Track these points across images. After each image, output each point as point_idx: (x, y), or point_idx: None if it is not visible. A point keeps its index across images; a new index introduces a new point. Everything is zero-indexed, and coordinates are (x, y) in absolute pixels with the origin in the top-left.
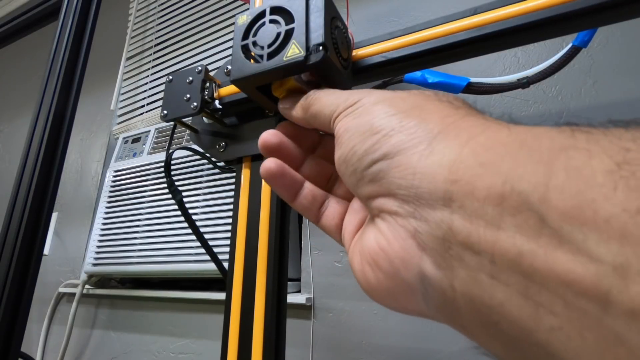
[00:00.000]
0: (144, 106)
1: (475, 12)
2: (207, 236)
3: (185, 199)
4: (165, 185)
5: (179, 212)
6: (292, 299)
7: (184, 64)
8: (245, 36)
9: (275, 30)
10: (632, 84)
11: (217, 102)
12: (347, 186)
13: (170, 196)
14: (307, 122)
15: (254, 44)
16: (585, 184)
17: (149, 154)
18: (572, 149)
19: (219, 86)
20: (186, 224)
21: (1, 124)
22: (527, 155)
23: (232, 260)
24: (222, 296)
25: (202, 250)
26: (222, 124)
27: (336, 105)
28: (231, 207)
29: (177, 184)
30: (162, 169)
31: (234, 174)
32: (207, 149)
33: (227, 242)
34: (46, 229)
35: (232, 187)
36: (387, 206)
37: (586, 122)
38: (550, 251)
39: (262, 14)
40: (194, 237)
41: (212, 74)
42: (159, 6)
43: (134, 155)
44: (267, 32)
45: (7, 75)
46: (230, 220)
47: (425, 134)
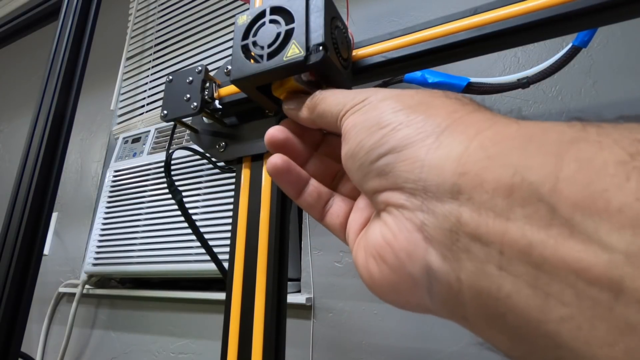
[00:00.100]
0: (144, 106)
1: (475, 12)
2: (207, 236)
3: (185, 199)
4: (165, 185)
5: (179, 212)
6: (292, 299)
7: (184, 64)
8: (245, 36)
9: (275, 30)
10: (632, 84)
11: (217, 102)
12: (353, 181)
13: (170, 196)
14: (313, 122)
15: (254, 44)
16: (597, 174)
17: (149, 154)
18: (583, 141)
19: (219, 86)
20: (186, 224)
21: (1, 124)
22: (537, 147)
23: (232, 260)
24: (222, 296)
25: (202, 250)
26: (222, 124)
27: (343, 103)
28: (231, 207)
29: (177, 184)
30: (162, 169)
31: (234, 174)
32: (207, 149)
33: (227, 242)
34: (46, 229)
35: (232, 187)
36: (393, 199)
37: (596, 118)
38: (561, 241)
39: (262, 14)
40: (194, 237)
41: (212, 74)
42: (159, 6)
43: (134, 155)
44: (267, 32)
45: (7, 75)
46: (230, 220)
47: (432, 128)
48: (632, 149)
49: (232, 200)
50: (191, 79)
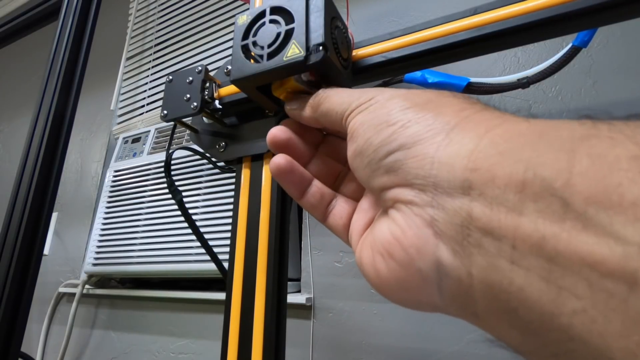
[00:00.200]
0: (144, 106)
1: (475, 12)
2: (207, 236)
3: (185, 199)
4: (165, 185)
5: (179, 212)
6: (292, 299)
7: (184, 64)
8: (245, 36)
9: (275, 30)
10: (632, 84)
11: (217, 102)
12: (360, 179)
13: (170, 196)
14: (316, 121)
15: (254, 44)
16: (610, 169)
17: (149, 154)
18: (595, 137)
19: (219, 86)
20: (186, 224)
21: (1, 124)
22: (548, 144)
23: (232, 260)
24: (222, 296)
25: (202, 250)
26: (222, 124)
27: (348, 103)
28: (231, 207)
29: (177, 184)
30: (162, 169)
31: (234, 174)
32: (207, 149)
33: (227, 242)
34: (46, 229)
35: (232, 187)
36: (402, 196)
37: (605, 116)
38: (574, 234)
39: (262, 14)
40: (194, 237)
41: (212, 74)
42: (159, 6)
43: (134, 155)
44: (267, 32)
45: (7, 75)
46: (230, 220)
47: (442, 125)
48: None
49: (232, 200)
50: (191, 79)
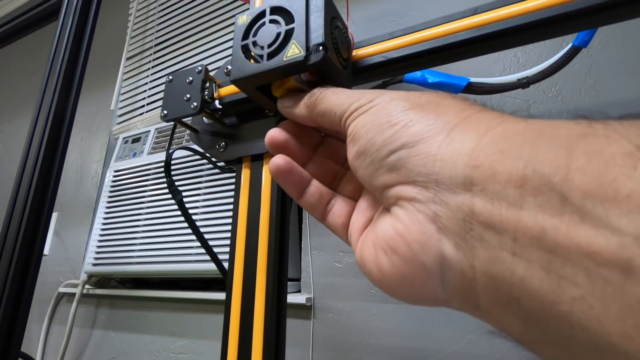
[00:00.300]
0: (144, 106)
1: (475, 12)
2: (207, 236)
3: (185, 199)
4: (165, 185)
5: (179, 212)
6: (292, 299)
7: (184, 64)
8: (245, 36)
9: (275, 30)
10: (632, 84)
11: (217, 102)
12: (362, 179)
13: (170, 196)
14: (312, 121)
15: (254, 44)
16: (605, 165)
17: (149, 154)
18: (591, 136)
19: (219, 86)
20: (186, 224)
21: (1, 124)
22: (547, 142)
23: (232, 260)
24: (222, 296)
25: (202, 250)
26: (222, 124)
27: (348, 104)
28: (231, 207)
29: (177, 184)
30: (162, 169)
31: (234, 174)
32: (207, 149)
33: (227, 242)
34: (46, 229)
35: (232, 187)
36: (405, 193)
37: (601, 116)
38: (573, 227)
39: (262, 14)
40: (194, 237)
41: (212, 74)
42: (159, 6)
43: (134, 155)
44: (267, 32)
45: (7, 75)
46: (230, 220)
47: (443, 125)
48: (638, 141)
49: (232, 200)
50: (191, 79)
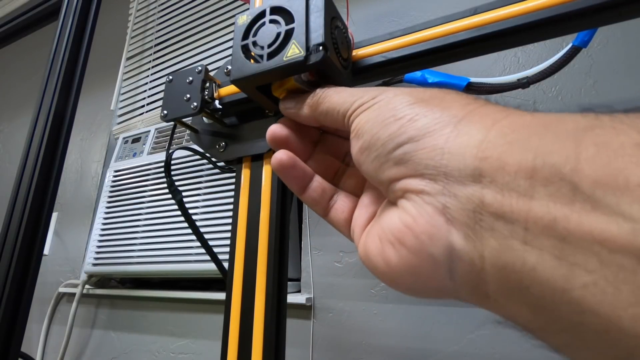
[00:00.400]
0: (144, 106)
1: (475, 12)
2: (207, 236)
3: (185, 199)
4: (165, 185)
5: (179, 212)
6: (292, 299)
7: (184, 64)
8: (245, 36)
9: (275, 30)
10: (632, 84)
11: (217, 102)
12: (367, 173)
13: (170, 196)
14: (315, 120)
15: (254, 44)
16: (615, 155)
17: (149, 154)
18: (598, 127)
19: (219, 86)
20: (186, 224)
21: (1, 124)
22: (554, 134)
23: (232, 260)
24: (222, 296)
25: (202, 250)
26: (222, 124)
27: (351, 102)
28: (231, 207)
29: (177, 184)
30: (162, 169)
31: (234, 174)
32: (207, 149)
33: (227, 242)
34: (46, 229)
35: (232, 187)
36: (412, 186)
37: (606, 110)
38: (584, 215)
39: (262, 14)
40: (194, 237)
41: (212, 74)
42: (159, 6)
43: (134, 155)
44: (267, 32)
45: (7, 75)
46: (230, 220)
47: (449, 119)
48: None
49: (232, 200)
50: (191, 79)
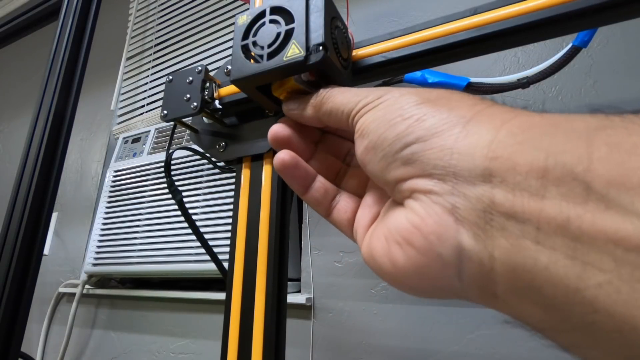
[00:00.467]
0: (144, 106)
1: (475, 12)
2: (207, 236)
3: (185, 199)
4: (165, 185)
5: (179, 212)
6: (292, 299)
7: (184, 64)
8: (245, 36)
9: (275, 30)
10: (632, 84)
11: (217, 102)
12: (372, 173)
13: (170, 196)
14: (319, 121)
15: (254, 44)
16: (628, 155)
17: (149, 154)
18: (609, 128)
19: (219, 86)
20: (186, 224)
21: (1, 124)
22: (565, 134)
23: (232, 260)
24: (222, 296)
25: (202, 250)
26: (222, 124)
27: (355, 102)
28: (231, 207)
29: (177, 184)
30: (162, 169)
31: (234, 174)
32: (207, 149)
33: (227, 242)
34: (46, 229)
35: (232, 187)
36: (420, 186)
37: (616, 111)
38: (598, 214)
39: (262, 14)
40: (194, 237)
41: (212, 74)
42: (159, 6)
43: (134, 155)
44: (267, 32)
45: (7, 75)
46: (230, 220)
47: (457, 119)
48: None
49: (232, 200)
50: (191, 79)
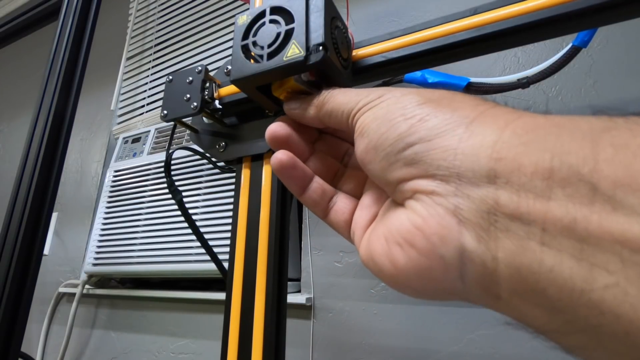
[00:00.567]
0: (144, 106)
1: (475, 12)
2: (207, 236)
3: (185, 199)
4: (165, 185)
5: (179, 212)
6: (292, 299)
7: (184, 64)
8: (245, 36)
9: (275, 30)
10: (632, 84)
11: (217, 102)
12: (372, 173)
13: (170, 196)
14: (320, 121)
15: (254, 44)
16: (634, 156)
17: (149, 154)
18: (614, 129)
19: (219, 86)
20: (186, 224)
21: (1, 124)
22: (570, 135)
23: (232, 260)
24: (222, 296)
25: (202, 250)
26: (222, 124)
27: (356, 101)
28: (231, 207)
29: (177, 184)
30: (162, 169)
31: (234, 174)
32: (207, 149)
33: (227, 242)
34: (46, 229)
35: (232, 187)
36: (423, 187)
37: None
38: (604, 216)
39: (262, 14)
40: (194, 237)
41: (212, 74)
42: (159, 6)
43: (134, 155)
44: (267, 32)
45: (7, 74)
46: (230, 220)
47: (460, 119)
48: None
49: (232, 200)
50: (191, 79)
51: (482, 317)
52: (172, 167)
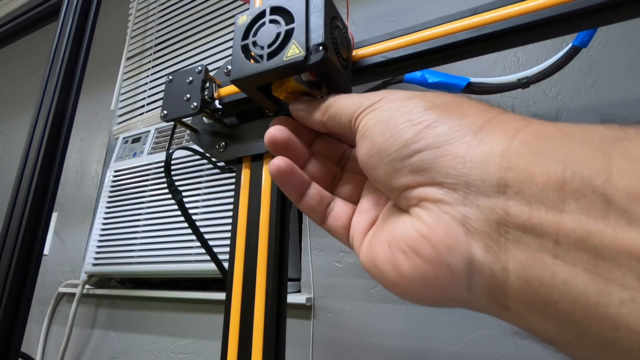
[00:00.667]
0: (144, 106)
1: (475, 12)
2: (207, 236)
3: (185, 199)
4: (165, 185)
5: (179, 212)
6: (292, 299)
7: (184, 64)
8: (245, 36)
9: (275, 30)
10: (632, 84)
11: (217, 102)
12: (375, 178)
13: (170, 196)
14: (323, 125)
15: (254, 44)
16: None
17: (149, 154)
18: (626, 140)
19: (219, 86)
20: (186, 224)
21: (1, 124)
22: (581, 144)
23: (232, 260)
24: (222, 296)
25: (202, 250)
26: (222, 124)
27: (358, 105)
28: (231, 207)
29: (177, 184)
30: (162, 169)
31: (234, 174)
32: (207, 149)
33: (227, 242)
34: (46, 229)
35: (232, 187)
36: (430, 195)
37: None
38: (620, 229)
39: (262, 14)
40: (194, 237)
41: (212, 74)
42: (159, 6)
43: (134, 155)
44: (267, 32)
45: (7, 74)
46: (230, 220)
47: (468, 126)
48: None
49: (232, 200)
50: (191, 79)
51: (482, 317)
52: (172, 167)
